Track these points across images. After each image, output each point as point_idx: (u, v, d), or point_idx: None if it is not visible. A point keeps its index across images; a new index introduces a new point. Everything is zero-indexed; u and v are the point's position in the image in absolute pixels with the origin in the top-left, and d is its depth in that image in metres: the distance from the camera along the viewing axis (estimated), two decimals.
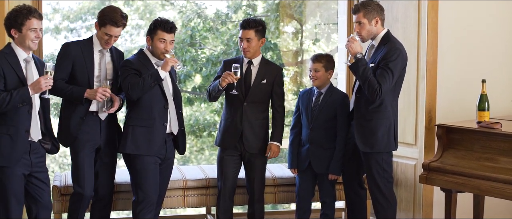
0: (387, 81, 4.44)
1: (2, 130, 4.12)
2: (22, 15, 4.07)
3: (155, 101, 4.57)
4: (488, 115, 4.81)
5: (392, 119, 4.60)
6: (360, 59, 4.46)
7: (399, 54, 4.49)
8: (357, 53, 4.47)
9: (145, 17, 12.21)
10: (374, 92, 4.43)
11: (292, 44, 12.01)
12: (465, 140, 4.75)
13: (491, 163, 4.57)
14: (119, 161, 11.77)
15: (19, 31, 4.10)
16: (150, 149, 4.57)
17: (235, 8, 11.61)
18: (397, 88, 4.61)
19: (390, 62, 4.45)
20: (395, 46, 4.52)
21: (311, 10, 11.77)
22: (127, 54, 11.88)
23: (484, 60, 5.44)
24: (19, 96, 4.04)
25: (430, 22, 5.19)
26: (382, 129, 4.57)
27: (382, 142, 4.59)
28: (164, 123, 4.60)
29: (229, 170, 4.92)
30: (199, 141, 11.79)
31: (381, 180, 4.63)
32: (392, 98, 4.59)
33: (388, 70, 4.44)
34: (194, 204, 5.30)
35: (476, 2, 5.38)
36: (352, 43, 4.50)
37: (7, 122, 4.12)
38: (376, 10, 4.57)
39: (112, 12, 4.44)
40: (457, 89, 5.35)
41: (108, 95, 4.43)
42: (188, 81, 11.53)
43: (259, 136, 4.90)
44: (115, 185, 5.09)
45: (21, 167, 4.19)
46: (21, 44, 4.14)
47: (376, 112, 4.58)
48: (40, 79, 4.08)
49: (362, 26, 4.56)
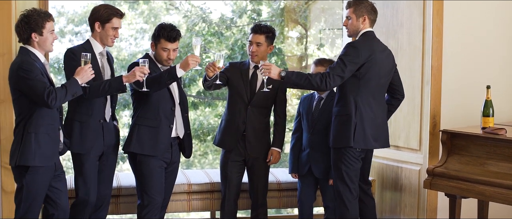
0: (335, 68, 4.44)
1: (41, 130, 4.10)
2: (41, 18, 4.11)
3: (163, 102, 4.57)
4: (493, 120, 4.81)
5: (354, 114, 4.52)
6: (286, 73, 4.44)
7: (349, 46, 4.51)
8: (281, 72, 4.44)
9: (150, 21, 12.24)
10: (321, 80, 4.41)
11: (297, 49, 12.02)
12: (470, 145, 4.75)
13: (496, 168, 4.57)
14: (123, 165, 11.76)
15: (40, 34, 4.13)
16: (155, 149, 4.56)
17: (240, 12, 11.62)
18: (365, 85, 4.53)
19: (341, 54, 4.51)
20: (352, 42, 4.57)
21: (315, 15, 11.78)
22: (131, 58, 11.93)
23: (489, 66, 5.44)
24: (71, 87, 4.07)
25: (435, 28, 5.19)
26: (340, 123, 4.55)
27: (338, 136, 4.55)
28: (170, 124, 4.61)
29: (233, 175, 4.93)
30: (203, 145, 11.79)
31: (337, 176, 4.59)
32: (355, 93, 4.52)
33: (338, 60, 4.49)
34: (199, 208, 5.30)
35: (481, 8, 5.39)
36: (269, 70, 4.42)
37: (45, 122, 4.12)
38: (367, 9, 4.61)
39: (109, 7, 4.46)
40: (462, 94, 5.35)
41: (146, 72, 4.33)
42: (193, 86, 11.54)
43: (261, 140, 4.91)
44: (119, 189, 5.10)
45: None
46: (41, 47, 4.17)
47: (338, 106, 4.59)
48: (85, 67, 4.13)
49: (350, 21, 4.63)
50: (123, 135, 10.88)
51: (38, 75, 4.01)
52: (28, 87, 3.99)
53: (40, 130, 4.08)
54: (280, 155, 4.98)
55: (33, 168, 4.06)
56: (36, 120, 4.06)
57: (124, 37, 12.30)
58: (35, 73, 4.01)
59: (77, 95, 4.14)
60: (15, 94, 4.10)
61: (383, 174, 5.64)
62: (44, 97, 3.95)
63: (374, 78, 4.55)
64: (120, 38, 12.16)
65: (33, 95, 4.00)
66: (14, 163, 4.08)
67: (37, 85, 3.97)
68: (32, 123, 4.06)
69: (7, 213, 4.51)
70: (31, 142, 4.04)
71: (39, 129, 4.07)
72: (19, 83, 4.02)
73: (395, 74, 4.76)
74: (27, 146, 4.04)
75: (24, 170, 4.08)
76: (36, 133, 4.06)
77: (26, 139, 4.05)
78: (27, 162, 4.04)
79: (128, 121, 11.52)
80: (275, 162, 4.97)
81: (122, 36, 12.22)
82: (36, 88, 3.97)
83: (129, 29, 12.40)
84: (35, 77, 4.00)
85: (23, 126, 4.08)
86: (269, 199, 5.20)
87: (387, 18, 5.53)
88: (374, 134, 4.59)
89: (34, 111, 4.06)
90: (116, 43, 11.96)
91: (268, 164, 4.97)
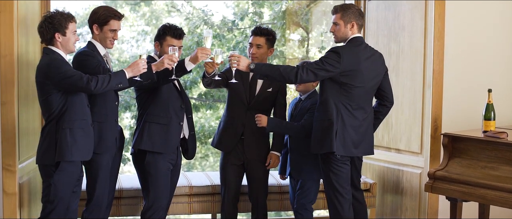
0: (312, 64, 4.40)
1: (76, 125, 4.16)
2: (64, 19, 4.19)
3: (172, 99, 4.59)
4: (494, 124, 4.80)
5: (335, 120, 4.44)
6: (255, 66, 4.42)
7: (332, 52, 4.43)
8: (250, 65, 4.43)
9: (152, 23, 12.26)
10: (293, 72, 4.37)
11: (298, 52, 12.03)
12: (471, 149, 4.75)
13: (497, 172, 4.57)
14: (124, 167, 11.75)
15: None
16: (166, 147, 4.56)
17: (242, 15, 11.64)
18: (348, 92, 4.44)
19: (323, 56, 4.44)
20: (336, 48, 4.46)
21: (317, 18, 11.79)
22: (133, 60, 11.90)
23: (490, 69, 5.44)
24: (116, 77, 4.15)
25: (437, 31, 5.19)
26: (321, 129, 4.49)
27: (320, 142, 4.49)
28: (180, 122, 4.61)
29: (232, 178, 4.92)
30: (204, 147, 11.80)
31: (327, 183, 4.55)
32: (337, 99, 4.45)
33: (318, 59, 4.43)
34: (200, 210, 5.30)
35: (483, 11, 5.39)
36: (238, 62, 4.42)
37: (78, 117, 4.19)
38: (355, 14, 4.53)
39: (107, 9, 4.46)
40: (463, 98, 5.35)
41: (175, 60, 4.32)
42: (194, 88, 11.55)
43: (260, 143, 4.91)
44: (121, 191, 5.10)
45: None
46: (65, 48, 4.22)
47: (319, 111, 4.53)
48: (138, 60, 4.21)
49: (338, 28, 4.54)
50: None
51: (70, 66, 4.11)
52: (66, 78, 4.04)
53: (75, 125, 4.14)
54: (279, 159, 4.95)
55: (62, 165, 4.12)
56: (69, 116, 4.12)
57: (126, 39, 12.32)
58: (68, 65, 4.11)
59: (123, 87, 4.20)
60: (44, 94, 4.13)
61: (384, 177, 5.64)
62: (84, 82, 4.02)
63: (358, 86, 4.46)
64: (122, 40, 12.17)
65: (72, 85, 4.05)
66: (48, 160, 4.12)
67: (74, 74, 4.04)
68: (65, 119, 4.12)
69: (8, 214, 4.51)
70: (66, 137, 4.11)
71: (73, 124, 4.14)
72: (55, 77, 4.05)
73: (384, 80, 4.65)
74: (63, 141, 4.10)
75: (53, 168, 4.12)
76: (71, 128, 4.13)
77: (61, 135, 4.11)
78: (64, 158, 4.10)
79: (129, 122, 11.53)
80: (274, 166, 4.96)
81: (123, 38, 12.23)
82: (75, 76, 4.04)
83: (131, 31, 12.42)
84: (70, 68, 4.08)
85: (55, 123, 4.12)
86: (270, 202, 5.20)
87: (389, 21, 5.53)
88: (355, 141, 4.51)
89: (66, 107, 4.12)
90: (117, 45, 12.02)
91: (267, 168, 4.96)
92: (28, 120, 4.76)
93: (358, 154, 4.58)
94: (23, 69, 4.62)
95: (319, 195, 5.16)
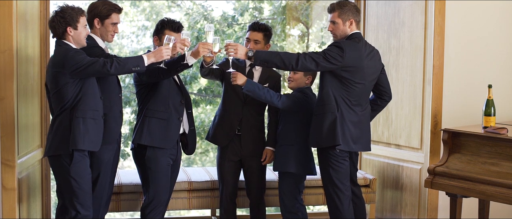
0: (315, 54, 4.37)
1: (88, 114, 4.18)
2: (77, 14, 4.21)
3: (172, 95, 4.59)
4: (494, 120, 4.80)
5: (336, 115, 4.43)
6: (254, 53, 4.39)
7: (335, 46, 4.40)
8: (248, 52, 4.40)
9: (152, 18, 12.23)
10: (294, 58, 4.35)
11: (298, 47, 12.01)
12: (471, 145, 4.74)
13: (497, 168, 4.56)
14: (123, 162, 11.74)
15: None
16: (165, 142, 4.56)
17: (242, 10, 11.61)
18: (349, 88, 4.44)
19: (326, 49, 4.41)
20: (339, 43, 4.43)
21: (317, 13, 11.77)
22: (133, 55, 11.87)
23: (490, 65, 5.43)
24: (133, 60, 4.16)
25: (437, 26, 5.18)
26: (321, 122, 4.46)
27: (322, 136, 4.46)
28: (179, 117, 4.61)
29: (229, 175, 4.91)
30: (204, 143, 11.79)
31: (327, 179, 4.54)
32: (338, 94, 4.44)
33: (321, 51, 4.40)
34: (199, 206, 5.30)
35: (483, 7, 5.38)
36: (236, 50, 4.38)
37: (91, 108, 4.21)
38: (352, 11, 4.50)
39: (107, 3, 4.46)
40: (463, 94, 5.35)
41: (188, 45, 4.32)
42: (194, 83, 11.54)
43: (257, 139, 4.90)
44: (120, 186, 5.09)
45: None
46: (77, 42, 4.23)
47: (319, 106, 4.50)
48: (162, 47, 4.21)
49: (336, 26, 4.51)
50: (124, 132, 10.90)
51: (85, 54, 4.11)
52: (84, 64, 4.04)
53: (87, 115, 4.16)
54: (274, 154, 4.94)
55: (77, 157, 4.12)
56: (83, 106, 4.14)
57: (126, 34, 12.31)
58: (83, 52, 4.11)
59: (140, 70, 4.19)
60: (58, 85, 4.12)
61: (384, 172, 5.64)
62: (101, 64, 4.04)
63: (358, 83, 4.45)
64: (122, 35, 12.15)
65: (90, 69, 4.05)
66: (62, 150, 4.11)
67: (90, 59, 4.05)
68: (78, 108, 4.13)
69: (7, 209, 4.51)
70: (80, 126, 4.12)
71: (86, 113, 4.15)
72: (72, 66, 4.05)
73: (382, 75, 4.65)
74: (76, 130, 4.11)
75: (68, 159, 4.12)
76: (84, 117, 4.14)
77: (75, 123, 4.12)
78: (76, 146, 4.10)
79: (129, 117, 11.53)
80: (270, 161, 4.95)
81: (123, 33, 12.22)
82: (92, 60, 4.05)
83: (131, 26, 12.40)
84: (85, 55, 4.09)
85: (68, 112, 4.14)
86: (269, 198, 5.20)
87: (389, 17, 5.52)
88: (354, 136, 4.50)
89: (80, 97, 4.13)
90: (117, 40, 12.00)
91: (263, 164, 4.95)
92: (27, 115, 4.76)
93: (357, 149, 4.58)
94: (22, 64, 4.61)
95: (318, 191, 5.16)
